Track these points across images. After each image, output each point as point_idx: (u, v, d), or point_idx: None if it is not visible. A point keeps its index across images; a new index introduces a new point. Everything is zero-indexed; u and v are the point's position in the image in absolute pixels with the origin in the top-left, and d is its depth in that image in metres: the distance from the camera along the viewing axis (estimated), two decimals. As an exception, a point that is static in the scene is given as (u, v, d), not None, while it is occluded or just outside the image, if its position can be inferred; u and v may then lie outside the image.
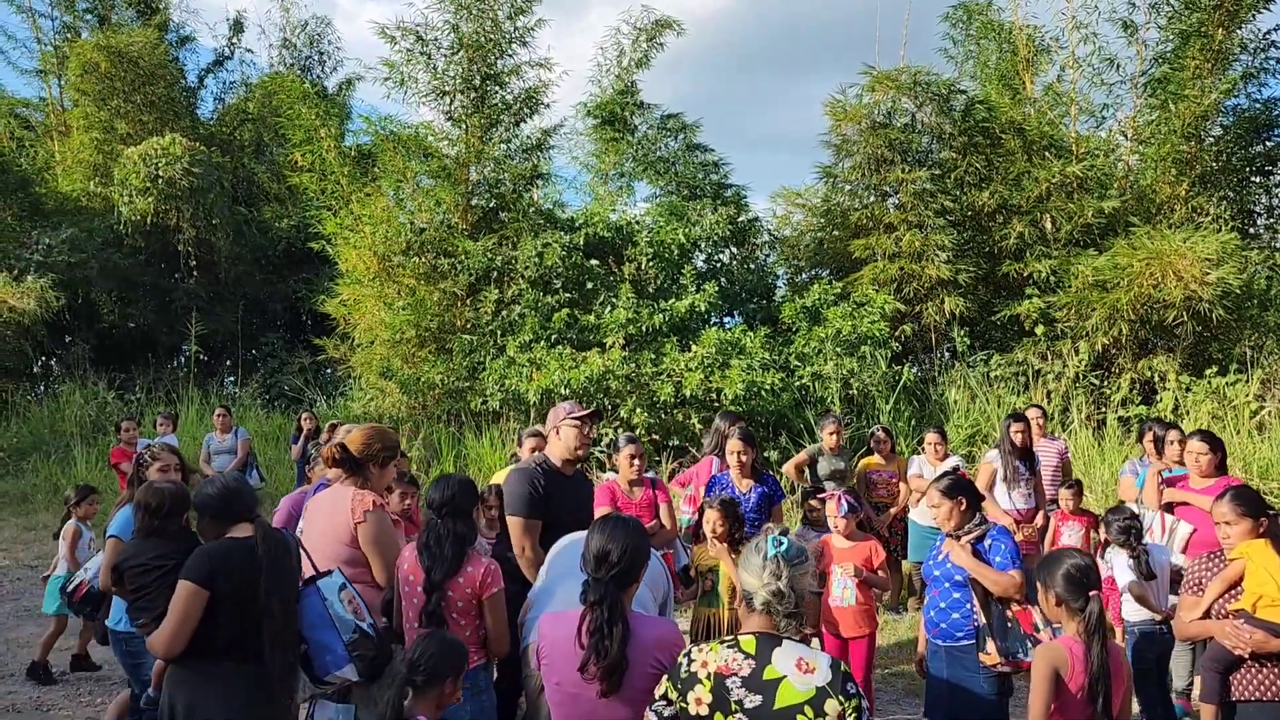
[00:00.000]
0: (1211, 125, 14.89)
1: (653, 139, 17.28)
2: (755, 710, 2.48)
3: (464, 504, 4.05)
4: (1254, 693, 3.80)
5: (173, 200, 18.28)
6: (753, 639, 2.59)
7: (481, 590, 3.91)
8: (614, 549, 2.97)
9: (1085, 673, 3.39)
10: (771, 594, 2.62)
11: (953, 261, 14.58)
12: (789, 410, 13.16)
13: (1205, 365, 13.40)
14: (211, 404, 15.61)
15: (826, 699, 2.46)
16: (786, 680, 2.49)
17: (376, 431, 4.53)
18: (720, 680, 2.53)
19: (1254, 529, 3.98)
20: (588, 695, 2.89)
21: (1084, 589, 3.49)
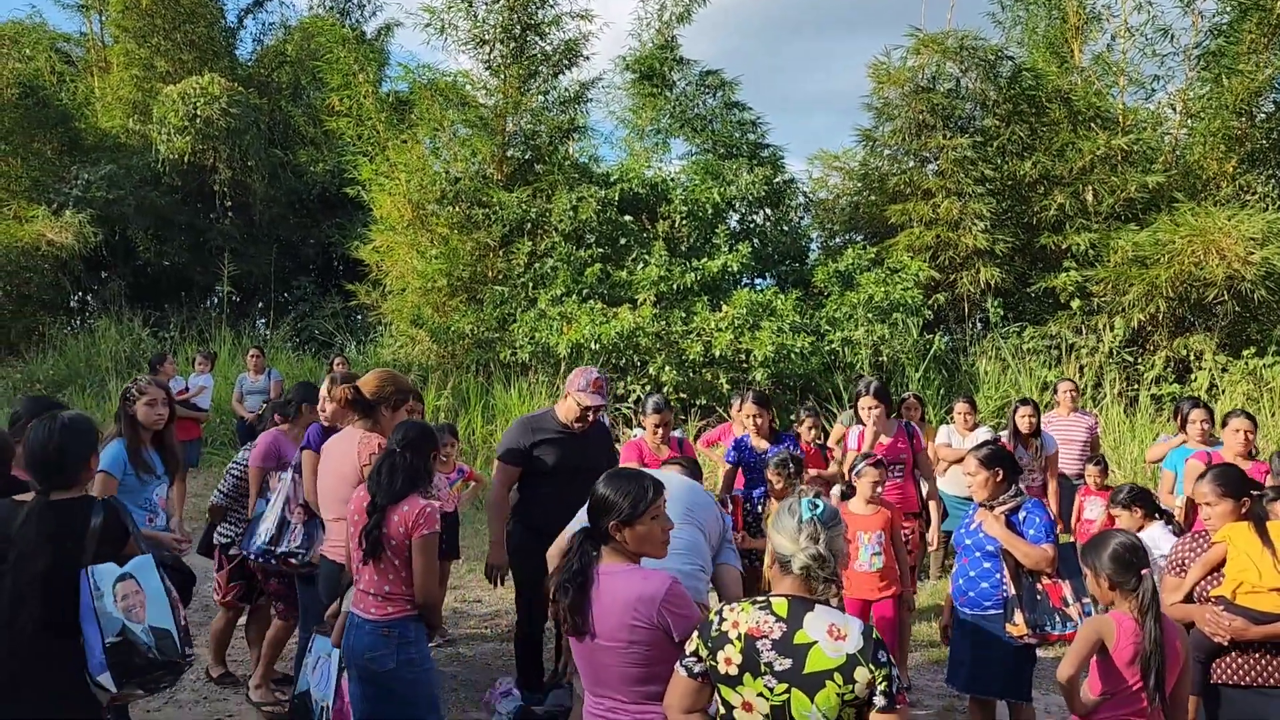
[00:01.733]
0: (1264, 101, 14.56)
1: (691, 96, 17.09)
2: (785, 673, 2.49)
3: (423, 446, 3.95)
4: (1234, 677, 3.75)
5: (210, 140, 18.34)
6: (785, 602, 2.57)
7: (412, 530, 3.75)
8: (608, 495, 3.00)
9: (1134, 646, 3.39)
10: (811, 558, 2.57)
11: (990, 231, 14.40)
12: (818, 374, 13.13)
13: (1243, 346, 13.22)
14: (244, 345, 15.77)
15: (857, 666, 2.45)
16: (818, 646, 2.48)
17: (389, 375, 4.66)
18: (751, 642, 2.53)
19: (1235, 510, 3.86)
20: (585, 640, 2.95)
21: (1134, 568, 3.47)
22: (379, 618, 3.79)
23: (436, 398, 13.53)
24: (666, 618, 2.87)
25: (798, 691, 2.47)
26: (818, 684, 2.45)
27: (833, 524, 2.65)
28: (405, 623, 3.80)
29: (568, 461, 5.24)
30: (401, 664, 3.75)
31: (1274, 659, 3.72)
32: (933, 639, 6.77)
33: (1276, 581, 3.69)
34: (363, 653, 3.79)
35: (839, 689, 2.44)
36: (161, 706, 5.52)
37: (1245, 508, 3.87)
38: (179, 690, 5.77)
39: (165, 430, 4.86)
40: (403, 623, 3.80)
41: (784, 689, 2.48)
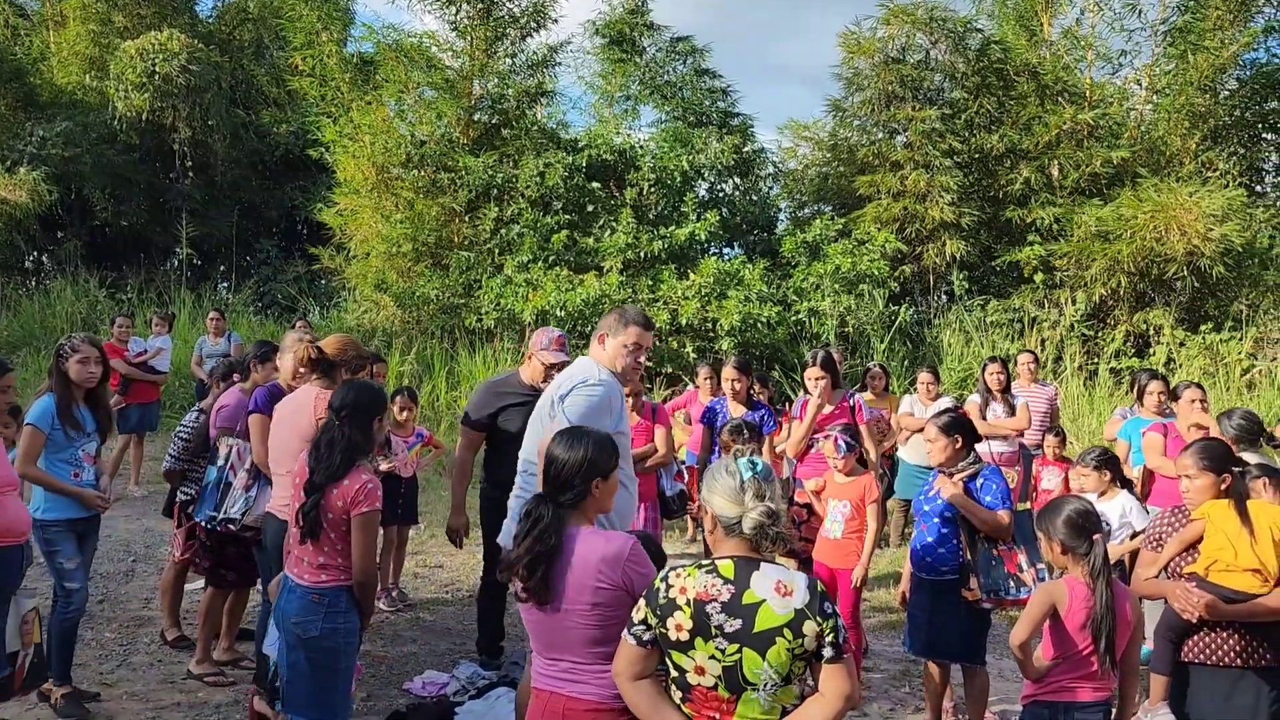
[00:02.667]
0: (1228, 78, 14.72)
1: (661, 62, 16.96)
2: (735, 634, 2.49)
3: (365, 411, 3.81)
4: (1202, 656, 3.73)
5: (169, 98, 17.95)
6: (731, 563, 2.57)
7: (351, 505, 3.68)
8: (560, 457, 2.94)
9: (1085, 611, 3.42)
10: (763, 515, 2.58)
11: (957, 204, 14.46)
12: (784, 344, 13.16)
13: (1201, 321, 13.42)
14: (204, 308, 15.52)
15: (805, 620, 2.47)
16: (766, 604, 2.49)
17: (350, 341, 4.86)
18: (700, 606, 2.53)
19: (1215, 484, 3.82)
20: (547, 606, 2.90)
21: (1087, 534, 3.50)
22: (311, 584, 3.76)
23: (400, 363, 13.43)
24: (631, 577, 2.86)
25: (749, 650, 2.49)
26: (768, 641, 2.47)
27: (772, 479, 2.65)
28: (338, 592, 3.76)
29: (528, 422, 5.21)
30: (326, 631, 3.72)
31: (1242, 639, 3.69)
32: (891, 604, 6.84)
33: (1252, 561, 3.66)
34: (291, 616, 3.77)
35: (789, 644, 2.47)
36: (115, 669, 5.46)
37: (1226, 484, 3.82)
38: (133, 653, 5.72)
39: (99, 388, 4.88)
40: (335, 592, 3.76)
41: (735, 649, 2.50)
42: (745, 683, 2.51)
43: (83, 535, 4.89)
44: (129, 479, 9.79)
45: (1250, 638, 3.69)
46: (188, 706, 5.03)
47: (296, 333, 5.33)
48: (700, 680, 2.55)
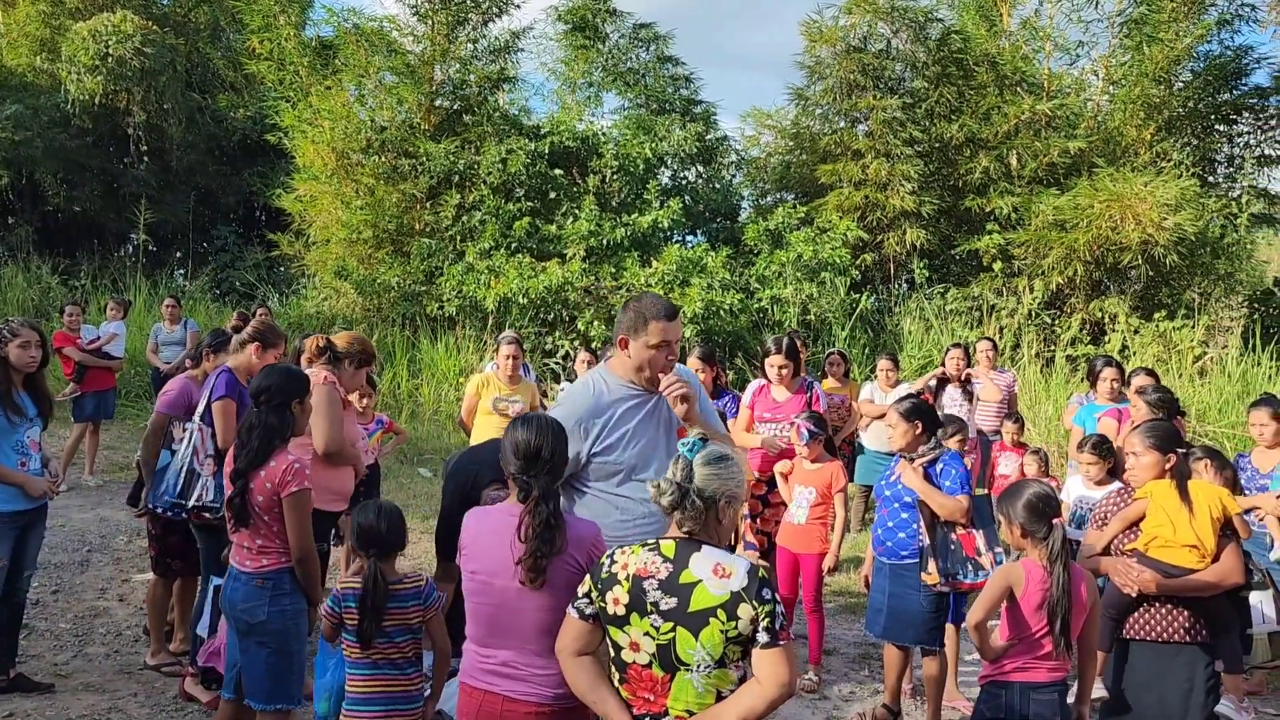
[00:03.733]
0: (1182, 70, 14.92)
1: (624, 49, 16.93)
2: (670, 612, 2.50)
3: (284, 395, 3.83)
4: (1141, 632, 3.84)
5: (123, 81, 17.59)
6: (673, 543, 2.58)
7: (280, 487, 3.70)
8: (546, 445, 2.92)
9: (1041, 593, 3.48)
10: (670, 494, 2.58)
11: (917, 193, 14.58)
12: (746, 331, 13.22)
13: (1154, 309, 13.65)
14: (160, 294, 15.28)
15: (740, 603, 2.47)
16: (702, 584, 2.50)
17: (360, 338, 5.17)
18: (638, 582, 2.55)
19: (1160, 464, 3.91)
20: (501, 584, 2.87)
21: (1046, 517, 3.55)
22: (254, 569, 3.78)
23: (361, 351, 13.30)
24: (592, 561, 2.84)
25: (683, 629, 2.49)
26: (702, 621, 2.47)
27: (710, 463, 2.61)
28: (280, 574, 3.78)
29: None
30: (272, 615, 3.74)
31: (1180, 614, 3.80)
32: (851, 588, 6.92)
33: (1190, 538, 3.76)
34: (237, 604, 3.79)
35: (722, 625, 2.46)
36: (70, 660, 5.38)
37: (1170, 464, 3.90)
38: (88, 644, 5.63)
39: (38, 373, 4.86)
40: (277, 574, 3.77)
41: (670, 627, 2.50)
42: (679, 662, 2.51)
43: (27, 528, 4.81)
44: (84, 468, 9.63)
45: (1187, 613, 3.79)
46: (144, 697, 4.96)
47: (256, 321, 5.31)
48: (635, 657, 2.56)
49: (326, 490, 4.63)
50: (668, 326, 3.48)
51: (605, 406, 3.46)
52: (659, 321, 3.46)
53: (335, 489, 4.78)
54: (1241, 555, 3.81)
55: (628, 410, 3.47)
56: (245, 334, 5.27)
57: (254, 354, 5.06)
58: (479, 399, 6.85)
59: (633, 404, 3.49)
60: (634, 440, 3.44)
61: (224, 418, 4.88)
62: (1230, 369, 12.67)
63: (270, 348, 5.14)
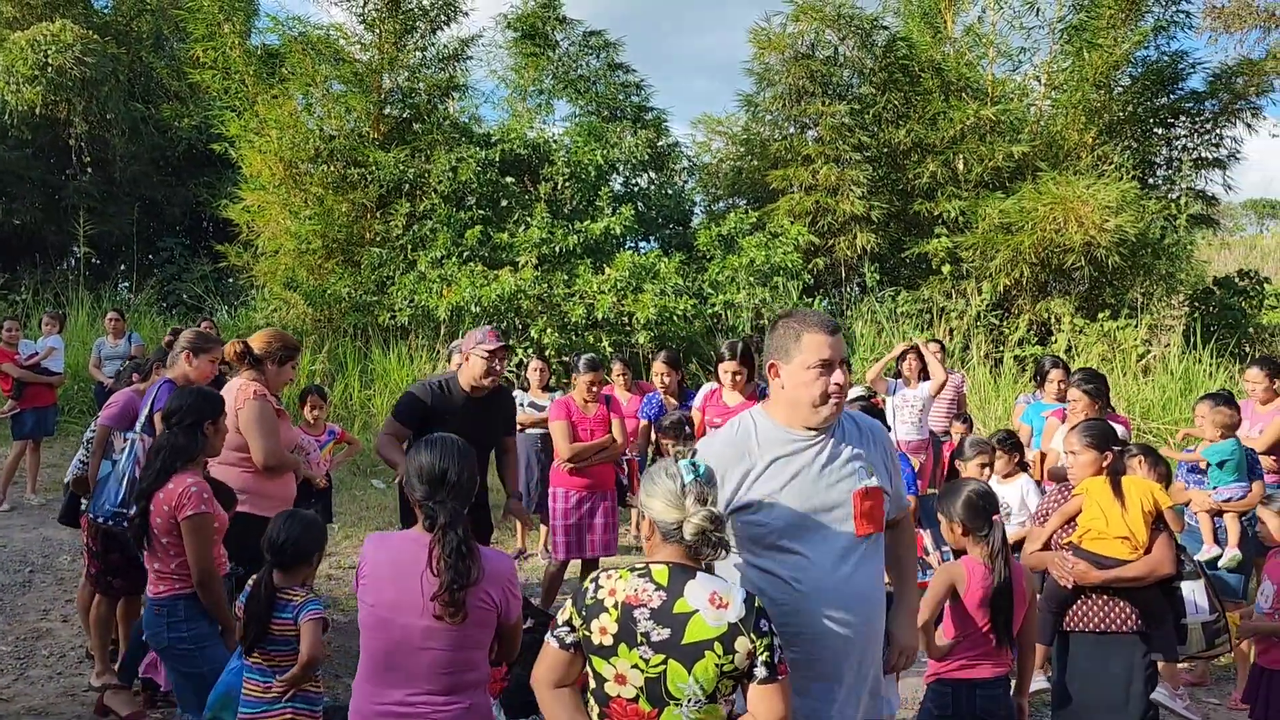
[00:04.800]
0: (1121, 75, 15.25)
1: (574, 56, 16.93)
2: (662, 644, 2.36)
3: (195, 415, 3.80)
4: (1080, 624, 3.93)
5: (63, 91, 17.25)
6: (666, 569, 2.43)
7: (177, 510, 3.65)
8: (451, 468, 2.77)
9: (983, 590, 3.54)
10: (706, 520, 2.41)
11: (867, 197, 14.74)
12: (700, 337, 13.27)
13: (1098, 309, 13.92)
14: (104, 308, 14.98)
15: (738, 636, 2.34)
16: (698, 615, 2.35)
17: (277, 334, 4.99)
18: (628, 610, 2.39)
19: (1098, 461, 4.02)
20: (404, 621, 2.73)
21: (986, 515, 3.61)
22: (152, 595, 3.77)
23: (312, 362, 13.16)
24: (507, 597, 2.79)
25: (675, 663, 2.36)
26: (697, 654, 2.34)
27: (714, 484, 2.53)
28: (175, 602, 3.73)
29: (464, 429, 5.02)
30: (173, 641, 3.72)
31: (1116, 605, 3.90)
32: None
33: (1122, 530, 3.88)
34: (147, 627, 3.83)
35: (718, 659, 2.34)
36: (12, 683, 5.25)
37: (1107, 461, 4.01)
38: (30, 666, 5.50)
39: None
40: (171, 601, 3.73)
41: (660, 660, 2.37)
42: (668, 697, 2.37)
43: None
44: (25, 486, 9.41)
45: (1123, 604, 3.89)
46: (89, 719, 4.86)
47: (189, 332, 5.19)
48: (620, 690, 2.41)
49: (270, 498, 4.61)
50: (830, 342, 2.74)
51: (751, 451, 2.76)
52: (817, 334, 2.74)
53: (280, 496, 4.73)
54: (1173, 546, 3.92)
55: (783, 459, 2.74)
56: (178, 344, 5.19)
57: (186, 362, 4.95)
58: None
59: (791, 450, 2.75)
60: (789, 498, 2.72)
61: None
62: (1173, 366, 12.97)
63: (202, 353, 5.02)
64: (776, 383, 2.80)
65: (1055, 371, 7.19)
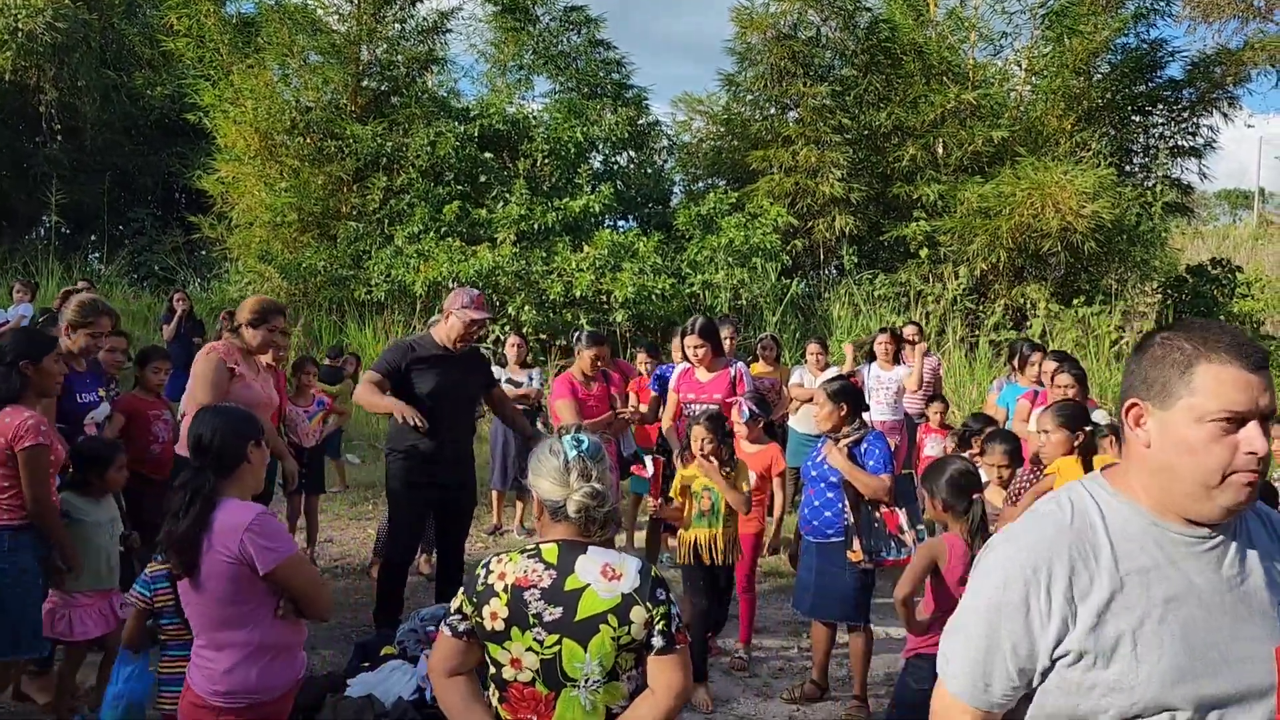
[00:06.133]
0: (1101, 62, 15.33)
1: (555, 32, 16.77)
2: (555, 623, 2.30)
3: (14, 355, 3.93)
4: None
5: (33, 57, 16.96)
6: (555, 547, 2.38)
7: (14, 441, 3.75)
8: (205, 433, 2.87)
9: (963, 566, 3.56)
10: (588, 495, 2.38)
11: (846, 180, 14.75)
12: (678, 316, 13.24)
13: (1073, 295, 14.02)
14: (74, 278, 14.77)
15: (633, 606, 2.29)
16: (590, 589, 2.31)
17: (255, 300, 5.15)
18: (518, 592, 2.33)
19: (1070, 441, 4.11)
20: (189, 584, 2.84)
21: (967, 493, 3.68)
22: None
23: (287, 336, 13.03)
24: (249, 548, 2.74)
25: (570, 641, 2.31)
26: (591, 629, 2.29)
27: (600, 458, 2.47)
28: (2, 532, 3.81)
29: (444, 384, 5.15)
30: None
31: None
32: (781, 569, 6.99)
33: None
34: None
35: (614, 632, 2.30)
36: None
37: (1079, 441, 4.06)
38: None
39: None
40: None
41: (555, 640, 2.32)
42: (565, 678, 2.32)
43: None
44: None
45: None
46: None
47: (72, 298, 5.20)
48: (517, 675, 2.36)
49: None
50: (1250, 380, 1.58)
51: (1094, 553, 1.63)
52: (1227, 365, 1.59)
53: None
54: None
55: (1151, 574, 1.61)
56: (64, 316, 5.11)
57: (64, 334, 4.89)
58: None
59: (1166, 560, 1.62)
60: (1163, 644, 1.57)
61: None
62: (1145, 353, 13.07)
63: (80, 327, 4.91)
64: (1138, 436, 1.67)
65: (1037, 355, 7.23)
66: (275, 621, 2.85)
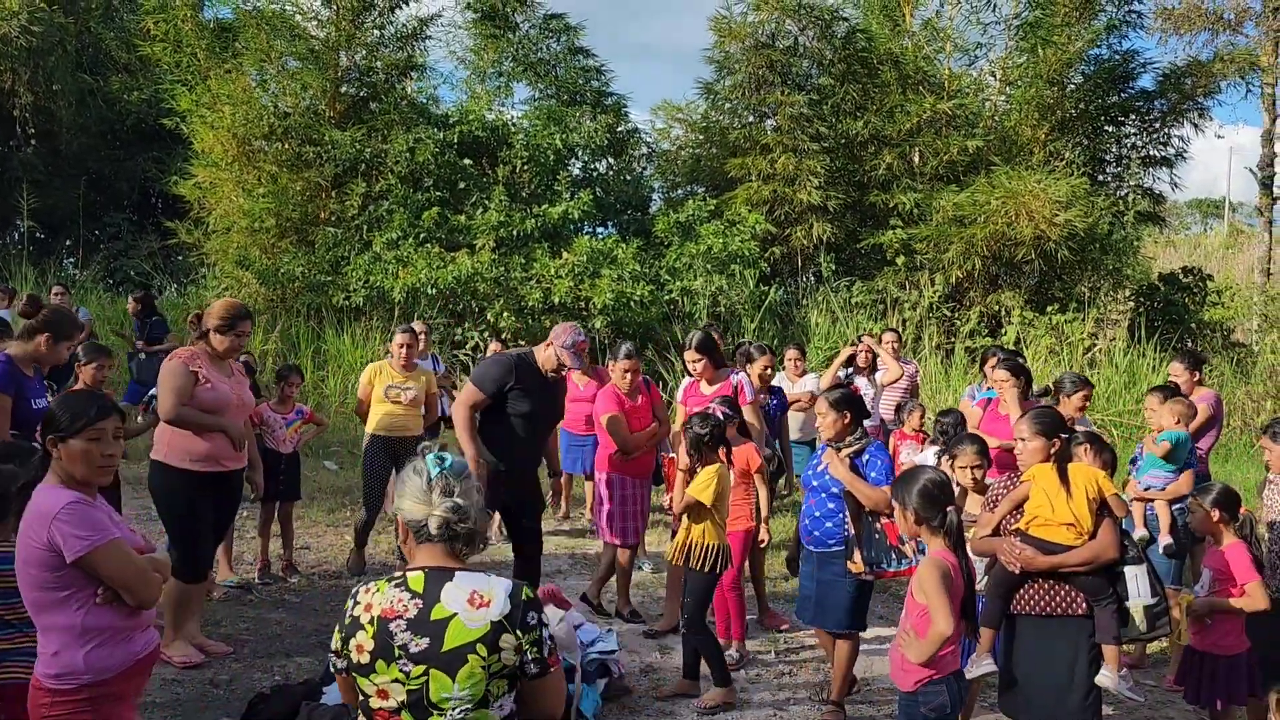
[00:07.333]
0: (1074, 73, 15.52)
1: (534, 39, 16.80)
2: (422, 654, 2.24)
3: None
4: (1027, 607, 4.01)
5: (7, 60, 16.85)
6: (421, 575, 2.32)
7: None
8: None
9: (961, 579, 3.55)
10: (449, 511, 2.33)
11: (824, 188, 14.84)
12: (657, 323, 13.31)
13: (1047, 303, 14.18)
14: (48, 283, 14.65)
15: (502, 633, 2.25)
16: (457, 618, 2.25)
17: (221, 304, 5.28)
18: (384, 624, 2.26)
19: (1046, 448, 4.06)
20: None
21: (941, 504, 3.59)
22: None
23: (265, 342, 12.99)
24: (56, 537, 2.74)
25: (437, 672, 2.25)
26: (459, 660, 2.24)
27: (465, 475, 2.42)
28: None
29: (537, 409, 5.50)
30: None
31: (1060, 589, 3.98)
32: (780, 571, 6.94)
33: (1067, 516, 3.95)
34: None
35: (483, 661, 2.25)
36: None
37: (1055, 448, 4.07)
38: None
39: None
40: None
41: (421, 672, 2.26)
42: (431, 707, 2.26)
43: None
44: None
45: (1067, 588, 3.98)
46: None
47: None
48: (383, 704, 2.30)
49: (181, 450, 4.95)
50: None
51: None
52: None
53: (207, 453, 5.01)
54: (1117, 532, 4.01)
55: None
56: (35, 322, 5.07)
57: (44, 344, 4.94)
58: (373, 387, 6.88)
59: None
60: None
61: None
62: (1118, 360, 13.27)
63: (63, 339, 5.03)
64: None
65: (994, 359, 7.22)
66: (99, 607, 2.85)
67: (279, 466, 6.57)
